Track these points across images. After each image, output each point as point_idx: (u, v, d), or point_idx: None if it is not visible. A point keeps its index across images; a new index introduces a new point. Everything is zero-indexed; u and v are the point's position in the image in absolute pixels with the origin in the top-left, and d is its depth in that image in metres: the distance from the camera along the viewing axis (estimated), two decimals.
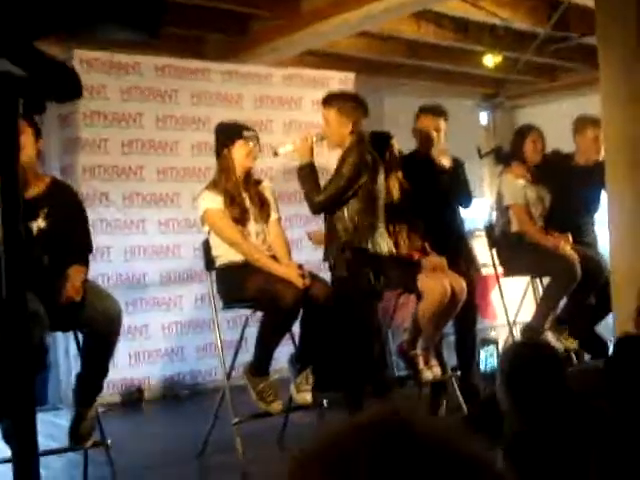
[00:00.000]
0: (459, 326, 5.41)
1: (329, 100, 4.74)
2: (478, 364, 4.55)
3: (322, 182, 4.73)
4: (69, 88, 1.73)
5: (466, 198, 5.58)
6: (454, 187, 5.45)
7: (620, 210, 4.95)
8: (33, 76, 1.56)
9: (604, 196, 5.42)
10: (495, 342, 4.09)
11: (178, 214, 6.30)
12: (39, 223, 3.90)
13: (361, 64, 8.13)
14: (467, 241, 5.84)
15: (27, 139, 3.90)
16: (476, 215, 9.23)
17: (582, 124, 5.97)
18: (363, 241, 4.62)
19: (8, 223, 1.45)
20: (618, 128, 4.95)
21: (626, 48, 4.76)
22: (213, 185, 4.58)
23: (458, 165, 5.50)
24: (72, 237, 4.05)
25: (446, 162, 5.36)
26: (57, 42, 6.03)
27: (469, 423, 2.71)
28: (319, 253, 4.92)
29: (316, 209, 4.72)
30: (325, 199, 4.62)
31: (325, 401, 4.67)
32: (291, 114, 6.92)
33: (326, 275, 4.77)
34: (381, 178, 4.75)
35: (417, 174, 5.23)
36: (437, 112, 5.47)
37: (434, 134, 5.38)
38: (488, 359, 3.91)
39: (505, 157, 5.98)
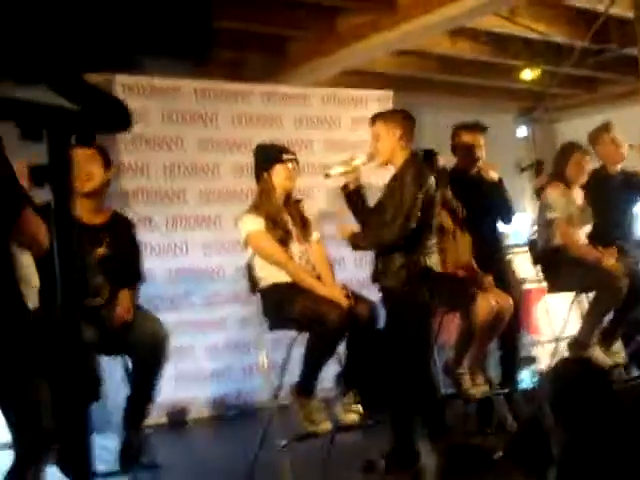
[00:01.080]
0: (503, 343, 5.37)
1: (376, 117, 4.73)
2: (518, 383, 4.53)
3: (372, 202, 4.72)
4: (118, 119, 1.76)
5: (509, 213, 5.55)
6: (497, 202, 5.42)
7: None
8: (84, 109, 1.59)
9: None
10: (534, 360, 4.07)
11: (221, 236, 6.34)
12: (101, 250, 4.02)
13: (399, 82, 8.16)
14: (507, 257, 5.81)
15: (96, 169, 4.04)
16: (518, 230, 9.18)
17: (595, 134, 5.98)
18: (420, 257, 4.60)
19: (63, 259, 1.47)
20: None
21: None
22: (254, 208, 4.60)
23: (499, 180, 5.48)
24: (126, 266, 4.16)
25: (494, 175, 5.34)
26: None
27: (514, 443, 2.69)
28: (362, 271, 4.92)
29: (388, 247, 4.54)
30: (395, 237, 4.47)
31: (371, 421, 4.65)
32: (331, 133, 6.95)
33: (368, 292, 4.75)
34: (437, 194, 4.72)
35: (461, 190, 5.21)
36: (477, 128, 5.45)
37: (476, 149, 5.36)
38: (528, 377, 3.89)
39: (548, 175, 5.94)
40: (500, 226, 5.67)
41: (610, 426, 2.71)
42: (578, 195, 5.81)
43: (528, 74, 8.19)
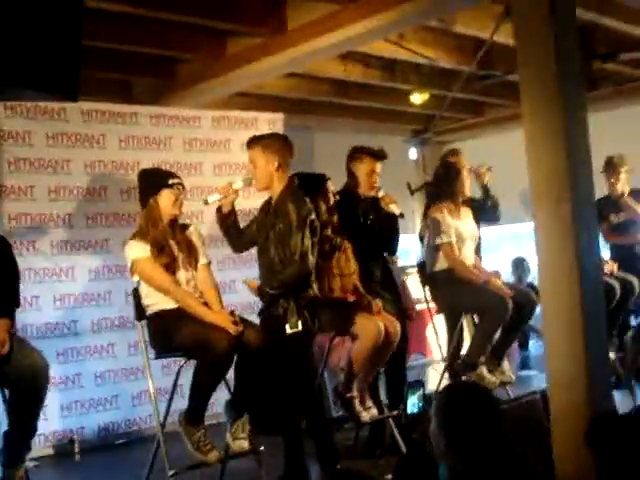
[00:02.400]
0: (388, 367, 5.40)
1: (253, 141, 4.71)
2: (405, 407, 4.57)
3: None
4: None
5: (394, 247, 5.76)
6: (389, 234, 5.49)
7: (547, 244, 5.02)
8: None
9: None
10: (422, 384, 4.12)
11: (108, 260, 6.20)
12: None
13: (290, 104, 8.17)
14: (399, 279, 5.88)
15: None
16: (408, 250, 9.31)
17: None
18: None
19: None
20: (541, 163, 5.04)
21: (545, 86, 4.86)
22: (140, 234, 4.52)
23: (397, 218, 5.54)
24: (1, 291, 3.97)
25: (396, 210, 5.39)
26: None
27: (401, 467, 2.70)
28: (251, 296, 4.86)
29: (290, 289, 4.48)
30: (295, 279, 4.48)
31: (262, 447, 4.61)
32: (220, 156, 6.89)
33: (257, 318, 4.73)
34: (325, 220, 4.73)
35: (352, 213, 5.25)
36: (378, 155, 5.47)
37: (374, 176, 5.40)
38: (414, 402, 3.94)
39: (434, 194, 6.02)
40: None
41: (495, 448, 2.75)
42: (464, 211, 5.94)
43: (417, 98, 8.32)
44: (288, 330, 4.37)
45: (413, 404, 4.06)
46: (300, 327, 4.39)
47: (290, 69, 6.98)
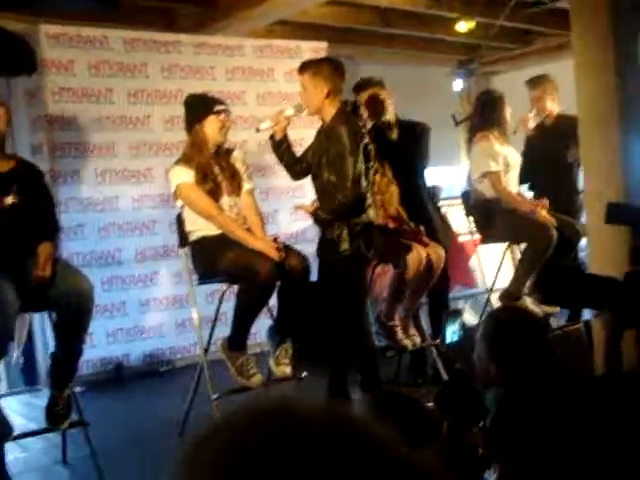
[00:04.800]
0: (431, 295, 5.38)
1: (303, 66, 4.64)
2: (444, 336, 4.57)
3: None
4: (22, 61, 1.67)
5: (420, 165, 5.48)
6: (416, 154, 5.38)
7: (594, 178, 4.95)
8: None
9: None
10: (460, 313, 4.10)
11: (152, 189, 6.23)
12: (10, 199, 3.84)
13: (333, 33, 8.05)
14: (440, 208, 5.79)
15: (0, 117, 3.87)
16: (453, 182, 9.22)
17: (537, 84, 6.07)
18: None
19: None
20: (590, 96, 4.94)
21: (597, 15, 4.73)
22: (184, 159, 4.51)
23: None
24: (41, 216, 3.99)
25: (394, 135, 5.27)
26: (22, 17, 5.93)
27: (442, 395, 2.67)
28: (294, 225, 4.89)
29: (344, 213, 4.47)
30: (350, 203, 4.45)
31: (305, 373, 4.64)
32: (264, 85, 6.85)
33: (301, 246, 4.73)
34: (371, 148, 4.67)
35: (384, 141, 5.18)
36: (371, 83, 5.35)
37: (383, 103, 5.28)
38: (453, 331, 3.91)
39: (478, 122, 5.89)
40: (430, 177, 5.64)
41: (545, 376, 2.71)
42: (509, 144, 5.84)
43: (463, 26, 8.15)
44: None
45: (453, 332, 4.05)
46: (349, 252, 4.40)
47: None
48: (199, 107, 4.58)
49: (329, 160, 4.47)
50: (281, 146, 4.73)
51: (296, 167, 4.80)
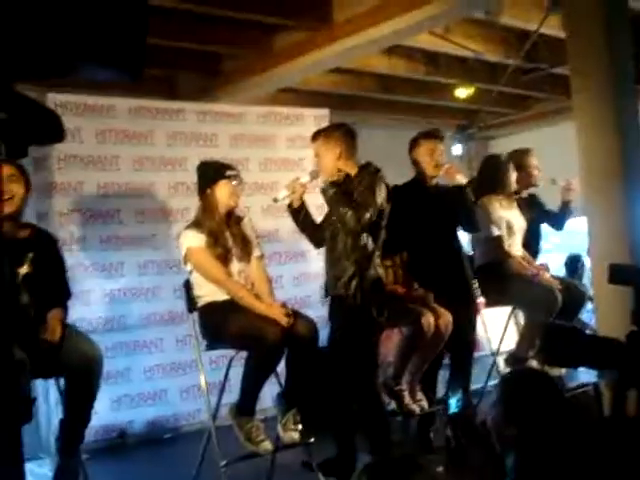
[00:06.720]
0: (455, 358, 5.38)
1: (316, 134, 4.72)
2: (449, 405, 4.58)
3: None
4: (51, 131, 1.70)
5: (470, 220, 5.43)
6: (459, 209, 5.36)
7: (600, 240, 5.00)
8: (14, 119, 1.53)
9: None
10: (463, 383, 4.11)
11: (156, 255, 6.24)
12: (25, 268, 3.88)
13: (335, 99, 8.18)
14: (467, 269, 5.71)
15: (19, 189, 3.91)
16: None
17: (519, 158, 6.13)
18: (370, 269, 4.55)
19: None
20: (593, 157, 5.01)
21: (598, 78, 4.82)
22: (195, 224, 4.55)
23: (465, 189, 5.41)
24: (52, 283, 4.03)
25: (461, 179, 5.28)
26: (30, 84, 6.01)
27: (460, 461, 2.65)
28: (301, 290, 4.88)
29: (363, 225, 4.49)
30: (371, 215, 4.47)
31: (313, 439, 4.61)
32: (267, 152, 6.90)
33: (307, 312, 4.72)
34: (387, 208, 4.68)
35: (414, 203, 5.18)
36: (431, 135, 5.38)
37: (431, 156, 5.30)
38: (457, 399, 3.91)
39: (484, 187, 5.91)
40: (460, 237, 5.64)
41: (565, 435, 2.68)
42: (513, 203, 5.89)
43: (462, 92, 8.29)
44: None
45: (457, 401, 4.06)
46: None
47: (335, 63, 6.99)
48: (210, 172, 4.63)
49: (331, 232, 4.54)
50: (299, 214, 4.76)
51: (316, 234, 4.81)
